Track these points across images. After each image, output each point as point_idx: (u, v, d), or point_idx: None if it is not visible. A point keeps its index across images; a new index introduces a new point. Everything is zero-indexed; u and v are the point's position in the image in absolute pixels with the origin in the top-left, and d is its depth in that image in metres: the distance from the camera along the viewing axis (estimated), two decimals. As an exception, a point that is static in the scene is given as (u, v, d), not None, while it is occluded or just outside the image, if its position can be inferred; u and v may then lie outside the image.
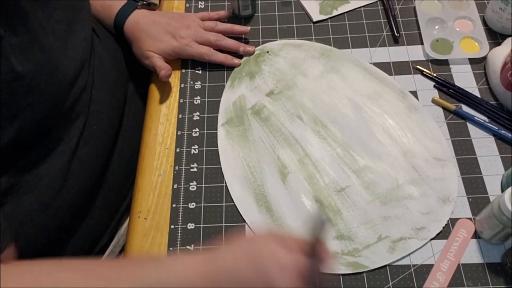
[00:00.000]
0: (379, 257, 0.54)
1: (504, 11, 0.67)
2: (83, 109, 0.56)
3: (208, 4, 0.78)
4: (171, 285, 0.42)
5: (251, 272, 0.41)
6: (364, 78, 0.67)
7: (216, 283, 0.42)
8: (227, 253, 0.44)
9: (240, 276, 0.42)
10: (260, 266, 0.41)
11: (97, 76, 0.59)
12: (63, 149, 0.53)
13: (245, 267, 0.42)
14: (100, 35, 0.65)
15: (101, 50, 0.63)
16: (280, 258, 0.41)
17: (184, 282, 0.42)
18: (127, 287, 0.41)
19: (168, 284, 0.42)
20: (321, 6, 0.75)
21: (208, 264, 0.43)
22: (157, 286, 0.42)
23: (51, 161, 0.52)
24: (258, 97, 0.67)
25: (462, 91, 0.65)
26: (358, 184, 0.59)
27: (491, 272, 0.53)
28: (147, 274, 0.42)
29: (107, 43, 0.66)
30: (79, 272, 0.42)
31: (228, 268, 0.42)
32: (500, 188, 0.58)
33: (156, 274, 0.42)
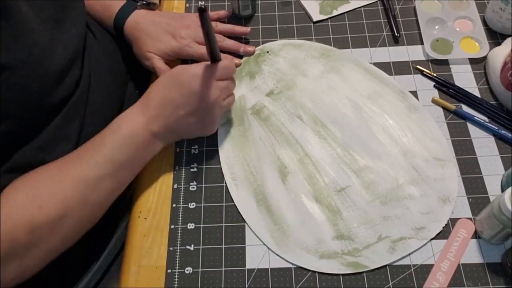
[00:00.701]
0: (379, 257, 0.54)
1: (504, 11, 0.67)
2: (79, 110, 0.56)
3: (208, 4, 0.78)
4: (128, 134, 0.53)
5: (177, 92, 0.55)
6: (364, 78, 0.67)
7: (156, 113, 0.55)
8: (153, 90, 0.56)
9: (171, 99, 0.55)
10: (181, 86, 0.55)
11: (93, 77, 0.59)
12: (63, 150, 0.53)
13: (170, 90, 0.55)
14: (97, 35, 0.65)
15: (98, 51, 0.62)
16: (192, 72, 0.55)
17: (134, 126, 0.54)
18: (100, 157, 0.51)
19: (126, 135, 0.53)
20: (321, 6, 0.75)
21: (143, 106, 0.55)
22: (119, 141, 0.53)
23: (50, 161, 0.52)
24: (258, 97, 0.67)
25: (462, 91, 0.65)
26: (358, 184, 0.59)
27: (491, 272, 0.53)
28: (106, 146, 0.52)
29: (104, 43, 0.66)
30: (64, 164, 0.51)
31: (159, 98, 0.55)
32: (500, 188, 0.58)
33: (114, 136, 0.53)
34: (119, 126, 0.54)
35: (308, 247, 0.55)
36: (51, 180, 0.49)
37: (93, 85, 0.59)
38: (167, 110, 0.55)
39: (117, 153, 0.52)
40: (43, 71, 0.49)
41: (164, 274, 0.55)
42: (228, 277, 0.54)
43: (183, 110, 0.55)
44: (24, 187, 0.48)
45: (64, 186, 0.49)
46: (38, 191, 0.47)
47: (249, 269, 0.55)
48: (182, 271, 0.55)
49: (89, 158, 0.51)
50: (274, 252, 0.55)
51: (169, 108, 0.55)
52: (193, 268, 0.55)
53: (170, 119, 0.55)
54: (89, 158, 0.51)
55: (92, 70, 0.59)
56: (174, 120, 0.55)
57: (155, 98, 0.55)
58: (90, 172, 0.50)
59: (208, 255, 0.56)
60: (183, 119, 0.55)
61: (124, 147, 0.53)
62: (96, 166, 0.51)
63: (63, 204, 0.48)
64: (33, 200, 0.47)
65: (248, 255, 0.56)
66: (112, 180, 0.52)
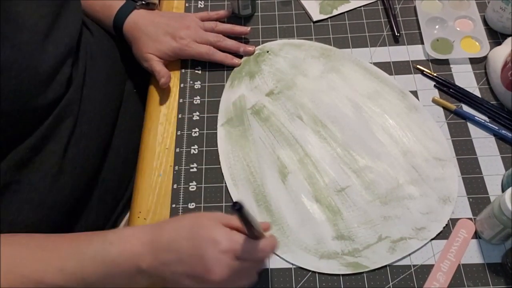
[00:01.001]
0: (380, 257, 0.54)
1: (504, 11, 0.67)
2: (73, 108, 0.55)
3: (208, 3, 0.78)
4: (113, 254, 0.45)
5: (188, 245, 0.44)
6: (364, 78, 0.67)
7: (156, 252, 0.45)
8: (171, 225, 0.47)
9: (179, 247, 0.45)
10: (196, 240, 0.44)
11: (89, 75, 0.59)
12: (53, 148, 0.53)
13: (185, 240, 0.45)
14: (95, 33, 0.65)
15: (94, 49, 0.62)
16: (216, 235, 0.44)
17: (126, 250, 0.45)
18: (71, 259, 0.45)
19: (110, 254, 0.45)
20: (321, 6, 0.75)
21: (151, 234, 0.46)
22: (100, 256, 0.45)
23: (41, 160, 0.52)
24: (258, 97, 0.67)
25: (463, 91, 0.65)
26: (358, 184, 0.59)
27: (492, 272, 0.53)
28: (92, 247, 0.45)
29: (101, 41, 0.66)
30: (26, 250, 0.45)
31: (169, 238, 0.45)
32: (501, 188, 0.58)
33: (100, 246, 0.45)
34: (110, 245, 0.46)
35: (308, 247, 0.55)
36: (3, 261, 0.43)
37: (88, 84, 0.58)
38: (168, 256, 0.45)
39: (90, 272, 0.45)
40: (34, 70, 0.49)
41: (163, 275, 0.55)
42: (228, 277, 0.54)
43: (183, 268, 0.45)
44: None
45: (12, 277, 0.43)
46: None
47: (249, 269, 0.55)
48: (182, 272, 0.55)
49: (56, 261, 0.45)
50: (274, 252, 0.55)
51: (171, 255, 0.45)
52: (193, 268, 0.55)
53: (166, 267, 0.45)
54: (56, 261, 0.45)
55: (87, 69, 0.59)
56: (169, 271, 0.45)
57: (165, 236, 0.46)
58: (49, 278, 0.44)
59: (208, 255, 0.56)
60: (178, 275, 0.45)
61: (101, 269, 0.45)
62: (58, 274, 0.44)
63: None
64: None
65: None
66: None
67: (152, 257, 0.45)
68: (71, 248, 0.46)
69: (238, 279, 0.46)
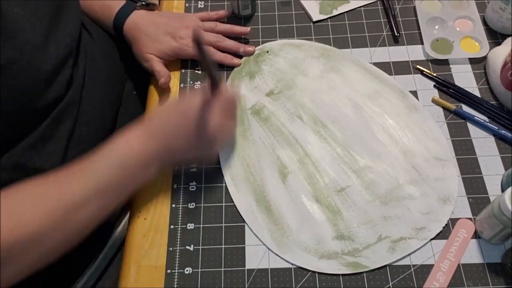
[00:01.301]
0: (379, 257, 0.54)
1: (504, 11, 0.67)
2: (72, 109, 0.55)
3: (208, 3, 0.78)
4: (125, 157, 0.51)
5: (177, 120, 0.54)
6: (364, 77, 0.67)
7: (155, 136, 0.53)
8: (160, 113, 0.55)
9: (170, 123, 0.54)
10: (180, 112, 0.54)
11: (88, 76, 0.59)
12: (52, 149, 0.53)
13: (173, 116, 0.54)
14: (94, 34, 0.65)
15: (94, 50, 0.62)
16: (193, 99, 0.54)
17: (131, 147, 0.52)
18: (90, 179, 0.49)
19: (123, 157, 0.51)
20: (321, 6, 0.75)
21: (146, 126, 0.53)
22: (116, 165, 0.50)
23: (40, 161, 0.52)
24: (258, 97, 0.67)
25: (462, 91, 0.65)
26: (358, 184, 0.59)
27: (491, 272, 0.53)
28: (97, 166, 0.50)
29: (101, 43, 0.66)
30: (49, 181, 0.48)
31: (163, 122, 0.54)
32: (500, 188, 0.58)
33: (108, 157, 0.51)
34: (114, 148, 0.52)
35: (308, 247, 0.55)
36: (33, 196, 0.47)
37: (87, 85, 0.58)
38: (166, 134, 0.53)
39: (107, 177, 0.50)
40: (35, 71, 0.49)
41: (163, 274, 0.55)
42: (228, 277, 0.54)
43: (183, 140, 0.54)
44: (6, 200, 0.45)
45: (47, 204, 0.46)
46: (19, 205, 0.45)
47: (249, 269, 0.55)
48: (182, 271, 0.55)
49: (77, 179, 0.49)
50: (274, 252, 0.55)
51: (168, 132, 0.54)
52: (193, 268, 0.55)
53: (169, 143, 0.54)
54: (77, 179, 0.49)
55: (87, 70, 0.59)
56: (173, 148, 0.54)
57: (155, 124, 0.54)
58: (76, 194, 0.48)
59: (208, 255, 0.56)
60: (181, 148, 0.55)
61: (116, 171, 0.50)
62: (82, 188, 0.48)
63: (42, 222, 0.45)
64: (11, 213, 0.44)
65: (248, 255, 0.56)
66: (98, 204, 0.49)
67: (155, 139, 0.52)
68: (85, 168, 0.50)
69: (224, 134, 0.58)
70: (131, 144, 0.52)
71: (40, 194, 0.47)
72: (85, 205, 0.48)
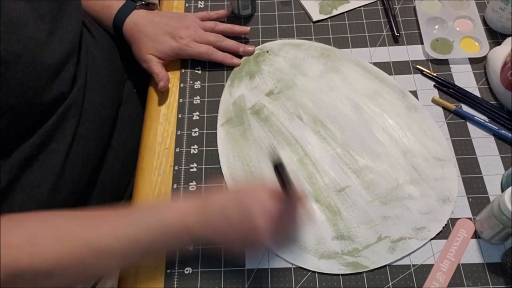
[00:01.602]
0: (379, 257, 0.54)
1: (504, 11, 0.67)
2: (76, 107, 0.56)
3: (208, 3, 0.78)
4: (165, 217, 0.48)
5: (237, 211, 0.48)
6: (364, 77, 0.67)
7: (205, 217, 0.48)
8: (218, 196, 0.51)
9: (227, 213, 0.48)
10: (245, 207, 0.48)
11: (90, 75, 0.59)
12: (56, 148, 0.53)
13: (233, 207, 0.48)
14: (95, 34, 0.65)
15: (94, 50, 0.62)
16: (260, 197, 0.48)
17: (177, 213, 0.49)
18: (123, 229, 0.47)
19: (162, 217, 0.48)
20: (321, 6, 0.75)
21: (200, 202, 0.49)
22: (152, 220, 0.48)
23: (44, 159, 0.52)
24: (257, 97, 0.67)
25: (462, 91, 0.65)
26: (358, 184, 0.59)
27: (491, 272, 0.53)
28: (144, 214, 0.49)
29: (101, 42, 0.66)
30: (77, 219, 0.47)
31: (217, 206, 0.49)
32: (500, 188, 0.58)
33: (151, 212, 0.49)
34: (162, 208, 0.50)
35: (308, 247, 0.55)
36: (54, 230, 0.45)
37: (89, 84, 0.59)
38: (216, 219, 0.48)
39: (142, 235, 0.47)
40: (39, 65, 0.49)
41: (163, 274, 0.55)
42: (228, 277, 0.54)
43: (231, 229, 0.49)
44: (26, 227, 0.44)
45: (66, 244, 0.44)
46: (35, 237, 0.43)
47: (249, 269, 0.55)
48: (182, 271, 0.55)
49: (110, 226, 0.46)
50: (274, 252, 0.55)
51: (219, 218, 0.48)
52: (193, 268, 0.55)
53: (214, 229, 0.49)
54: (110, 226, 0.46)
55: (88, 69, 0.59)
56: (218, 233, 0.49)
57: (211, 204, 0.49)
58: (104, 241, 0.45)
59: (208, 255, 0.56)
60: (226, 235, 0.49)
61: (152, 232, 0.47)
62: (114, 237, 0.46)
63: (56, 262, 0.44)
64: (27, 244, 0.43)
65: (248, 255, 0.56)
66: (121, 259, 0.47)
67: (200, 220, 0.48)
68: (121, 215, 0.48)
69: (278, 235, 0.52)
70: (179, 214, 0.49)
71: (66, 230, 0.45)
72: (107, 255, 0.46)
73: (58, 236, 0.44)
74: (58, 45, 0.52)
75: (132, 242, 0.46)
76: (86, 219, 0.47)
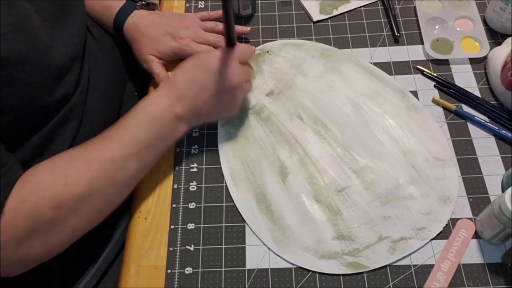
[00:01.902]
0: (380, 257, 0.54)
1: (504, 11, 0.67)
2: (78, 109, 0.56)
3: (208, 3, 0.78)
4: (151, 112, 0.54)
5: (203, 73, 0.56)
6: (364, 78, 0.67)
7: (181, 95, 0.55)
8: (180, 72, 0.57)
9: (196, 79, 0.56)
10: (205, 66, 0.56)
11: (92, 77, 0.59)
12: (56, 149, 0.53)
13: (196, 72, 0.56)
14: (96, 36, 0.65)
15: (96, 51, 0.63)
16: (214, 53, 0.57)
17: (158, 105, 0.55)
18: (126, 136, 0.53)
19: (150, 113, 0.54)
20: (321, 6, 0.75)
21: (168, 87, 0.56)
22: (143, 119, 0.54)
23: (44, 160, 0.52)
24: (258, 97, 0.67)
25: (463, 91, 0.65)
26: (358, 184, 0.59)
27: (492, 272, 0.53)
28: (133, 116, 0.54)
29: (102, 44, 0.66)
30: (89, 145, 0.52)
31: (185, 80, 0.56)
32: (501, 188, 0.58)
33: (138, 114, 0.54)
34: (144, 108, 0.55)
35: (308, 247, 0.55)
36: (78, 159, 0.50)
37: (91, 86, 0.59)
38: (192, 92, 0.55)
39: (142, 134, 0.53)
40: (45, 67, 0.49)
41: (164, 275, 0.55)
42: (228, 277, 0.54)
43: (208, 91, 0.56)
44: (51, 164, 0.49)
45: (90, 165, 0.49)
46: (65, 169, 0.49)
47: (249, 269, 0.55)
48: (182, 271, 0.55)
49: (115, 139, 0.52)
50: (274, 252, 0.55)
51: (194, 89, 0.56)
52: (193, 268, 0.55)
53: (195, 101, 0.56)
54: (115, 139, 0.52)
55: (90, 71, 0.59)
56: (199, 102, 0.56)
57: (180, 80, 0.56)
58: (116, 152, 0.51)
59: (208, 255, 0.56)
60: (208, 100, 0.56)
61: (149, 128, 0.53)
62: (122, 146, 0.52)
63: (89, 182, 0.49)
64: (59, 176, 0.47)
65: (248, 255, 0.56)
66: (137, 160, 0.53)
67: (181, 100, 0.55)
68: (120, 128, 0.53)
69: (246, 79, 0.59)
70: (159, 106, 0.54)
71: (83, 157, 0.50)
72: (125, 164, 0.52)
73: (82, 162, 0.50)
74: (63, 48, 0.53)
75: (138, 145, 0.52)
76: (96, 143, 0.52)
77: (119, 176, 0.52)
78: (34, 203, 0.45)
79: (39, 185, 0.47)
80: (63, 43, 0.53)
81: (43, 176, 0.48)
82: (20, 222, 0.45)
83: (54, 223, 0.47)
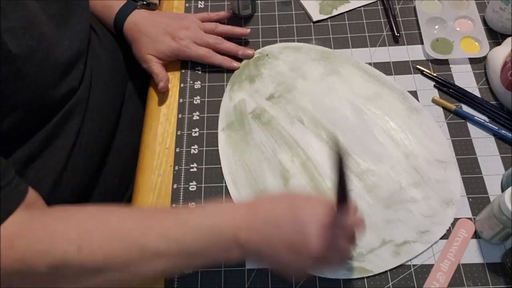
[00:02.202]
0: (383, 262, 0.54)
1: (504, 11, 0.67)
2: (81, 105, 0.56)
3: (208, 4, 0.78)
4: (213, 224, 0.45)
5: (288, 220, 0.45)
6: (364, 80, 0.67)
7: (254, 225, 0.45)
8: (267, 203, 0.47)
9: (278, 222, 0.45)
10: (296, 215, 0.45)
11: (94, 74, 0.60)
12: (60, 145, 0.54)
13: (283, 215, 0.45)
14: (99, 34, 0.65)
15: (99, 49, 0.63)
16: (315, 209, 0.45)
17: (225, 221, 0.46)
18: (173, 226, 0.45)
19: (211, 224, 0.45)
20: (321, 6, 0.75)
21: (248, 209, 0.47)
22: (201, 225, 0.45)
23: (48, 156, 0.53)
24: (258, 101, 0.66)
25: (462, 91, 0.65)
26: (360, 188, 0.58)
27: (491, 272, 0.53)
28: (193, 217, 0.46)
29: (105, 42, 0.66)
30: (128, 217, 0.45)
31: (267, 214, 0.46)
32: (500, 188, 0.58)
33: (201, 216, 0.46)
34: (215, 212, 0.47)
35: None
36: (106, 225, 0.44)
37: (94, 82, 0.59)
38: (267, 230, 0.45)
39: (191, 239, 0.45)
40: (52, 62, 0.50)
41: (164, 275, 0.55)
42: (228, 277, 0.54)
43: (281, 244, 0.45)
44: (76, 220, 0.44)
45: (116, 241, 0.43)
46: (85, 231, 0.43)
47: (249, 269, 0.55)
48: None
49: (158, 228, 0.45)
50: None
51: (269, 229, 0.45)
52: (193, 268, 0.55)
53: (264, 240, 0.45)
54: (158, 228, 0.45)
55: (93, 68, 0.60)
56: (265, 244, 0.45)
57: (263, 209, 0.47)
58: (153, 242, 0.44)
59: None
60: (275, 250, 0.45)
61: (202, 237, 0.45)
62: (161, 239, 0.44)
63: (104, 259, 0.42)
64: (76, 237, 0.42)
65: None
66: (169, 262, 0.45)
67: (250, 230, 0.45)
68: (172, 216, 0.46)
69: (333, 253, 0.45)
70: (230, 221, 0.46)
71: (112, 227, 0.44)
72: (153, 259, 0.44)
73: (108, 232, 0.43)
74: (69, 43, 0.53)
75: (179, 247, 0.44)
76: (137, 218, 0.46)
77: (139, 268, 0.44)
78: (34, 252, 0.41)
79: (50, 235, 0.42)
80: (69, 39, 0.53)
81: (60, 225, 0.43)
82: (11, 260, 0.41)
83: (43, 279, 0.42)
